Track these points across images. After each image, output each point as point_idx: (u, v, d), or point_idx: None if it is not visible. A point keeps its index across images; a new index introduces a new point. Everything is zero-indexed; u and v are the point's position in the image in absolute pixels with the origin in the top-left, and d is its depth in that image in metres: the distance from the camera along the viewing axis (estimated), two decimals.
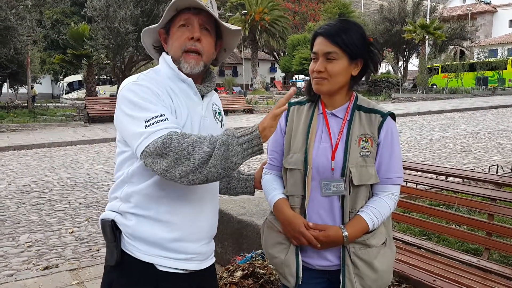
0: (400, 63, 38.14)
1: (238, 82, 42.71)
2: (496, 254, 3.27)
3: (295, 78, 44.64)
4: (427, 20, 32.38)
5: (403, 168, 1.74)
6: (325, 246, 1.61)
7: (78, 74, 33.26)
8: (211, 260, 1.71)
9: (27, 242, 4.85)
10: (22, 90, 29.99)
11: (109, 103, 18.66)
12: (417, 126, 13.95)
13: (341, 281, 1.63)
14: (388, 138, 1.64)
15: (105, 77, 35.54)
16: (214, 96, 1.75)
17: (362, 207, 1.64)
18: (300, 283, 1.68)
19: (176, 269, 1.56)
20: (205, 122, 1.61)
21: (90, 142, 13.15)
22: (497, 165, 5.95)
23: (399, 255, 2.83)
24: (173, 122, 1.44)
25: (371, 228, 1.62)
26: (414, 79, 33.63)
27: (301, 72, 35.74)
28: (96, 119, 18.52)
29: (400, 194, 1.76)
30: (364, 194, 1.64)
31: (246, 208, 3.67)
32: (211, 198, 1.67)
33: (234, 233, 3.50)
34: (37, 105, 25.65)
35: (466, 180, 3.56)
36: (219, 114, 1.75)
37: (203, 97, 1.64)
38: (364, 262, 1.62)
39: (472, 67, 29.72)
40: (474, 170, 4.14)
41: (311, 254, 1.67)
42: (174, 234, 1.54)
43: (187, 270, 1.58)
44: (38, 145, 12.42)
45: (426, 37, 31.43)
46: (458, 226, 3.39)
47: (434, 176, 3.31)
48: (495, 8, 46.89)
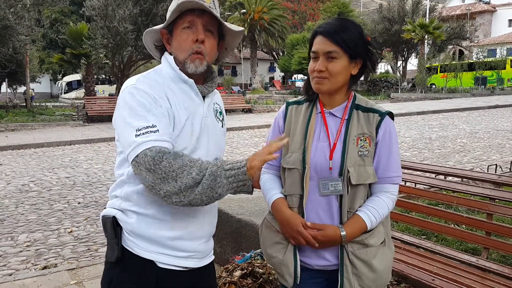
0: (399, 63, 38.17)
1: (237, 82, 42.71)
2: (495, 253, 3.27)
3: (294, 78, 44.67)
4: (426, 19, 32.40)
5: (402, 167, 1.74)
6: (323, 245, 1.61)
7: (77, 73, 33.29)
8: (210, 258, 1.73)
9: (26, 242, 4.85)
10: (21, 90, 29.96)
11: (108, 103, 18.63)
12: (416, 125, 13.96)
13: (339, 280, 1.62)
14: (386, 137, 1.64)
15: (104, 76, 35.50)
16: (216, 95, 1.76)
17: (360, 207, 1.63)
18: (298, 283, 1.68)
19: (175, 266, 1.58)
20: (206, 122, 1.63)
21: (89, 141, 13.14)
22: (496, 164, 5.95)
23: (398, 255, 2.83)
24: (164, 134, 1.45)
25: (369, 227, 1.62)
26: (413, 79, 33.65)
27: (300, 71, 35.72)
28: (95, 119, 18.50)
29: (399, 193, 1.76)
30: (362, 194, 1.64)
31: (245, 207, 3.66)
32: None
33: (233, 232, 3.50)
34: (35, 104, 25.61)
35: (465, 179, 3.56)
36: (220, 113, 1.76)
37: (205, 97, 1.66)
38: (362, 261, 1.62)
39: (471, 67, 29.75)
40: (473, 170, 4.14)
41: (309, 253, 1.67)
42: (174, 233, 1.56)
43: (187, 268, 1.61)
44: (36, 144, 12.41)
45: (425, 36, 31.46)
46: (457, 226, 3.39)
47: (433, 175, 3.31)
48: (494, 7, 46.92)
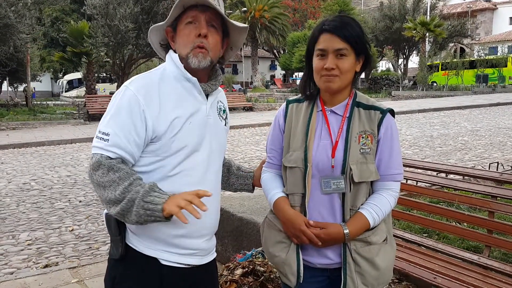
0: (400, 61, 38.13)
1: (238, 80, 42.70)
2: (496, 251, 3.27)
3: (295, 76, 44.60)
4: (427, 17, 32.35)
5: (403, 165, 1.74)
6: (326, 244, 1.61)
7: (78, 72, 33.25)
8: (212, 255, 1.75)
9: (27, 240, 4.85)
10: (22, 88, 29.97)
11: (108, 101, 18.05)
12: (417, 123, 13.94)
13: (342, 279, 1.62)
14: (388, 135, 1.64)
15: (104, 75, 35.43)
16: (220, 93, 1.75)
17: (362, 204, 1.63)
18: (301, 282, 1.67)
19: (178, 263, 1.59)
20: (208, 121, 1.63)
21: (90, 140, 13.09)
22: (497, 162, 5.93)
23: (400, 253, 2.83)
24: (115, 144, 1.48)
25: (372, 225, 1.61)
26: (414, 77, 33.62)
27: (301, 69, 35.62)
28: (96, 117, 18.46)
29: (400, 191, 1.76)
30: (364, 191, 1.63)
31: (246, 206, 3.66)
32: (214, 195, 1.67)
33: (234, 231, 3.49)
34: (36, 103, 25.62)
35: (466, 177, 3.56)
36: (224, 112, 1.75)
37: (208, 95, 1.65)
38: (365, 259, 1.61)
39: (472, 65, 29.71)
40: (475, 168, 4.13)
41: (312, 252, 1.67)
42: (177, 231, 1.57)
43: (189, 265, 1.62)
44: (38, 143, 12.41)
45: (426, 34, 31.41)
46: (458, 224, 3.38)
47: (435, 173, 3.31)
48: (495, 5, 46.82)
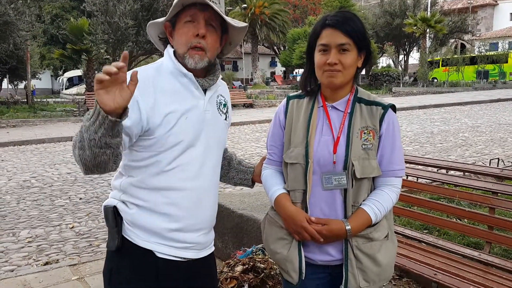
0: (400, 57, 38.05)
1: (238, 77, 42.62)
2: (497, 247, 3.26)
3: (296, 72, 44.55)
4: (428, 13, 32.26)
5: (404, 161, 1.73)
6: (328, 240, 1.60)
7: (78, 69, 33.14)
8: (210, 249, 1.74)
9: (28, 238, 4.85)
10: (22, 86, 29.95)
11: None
12: (417, 120, 13.92)
13: (343, 275, 1.62)
14: (389, 130, 1.63)
15: None
16: (220, 88, 1.74)
17: (364, 200, 1.62)
18: (303, 279, 1.66)
19: (174, 256, 1.60)
20: (206, 116, 1.62)
21: None
22: (498, 158, 5.92)
23: (400, 249, 2.82)
24: None
25: (374, 221, 1.61)
26: (414, 73, 33.55)
27: (301, 66, 35.58)
28: None
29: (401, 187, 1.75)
30: (366, 187, 1.62)
31: (246, 202, 3.66)
32: (211, 189, 1.68)
33: (234, 227, 3.49)
34: (36, 100, 25.61)
35: (467, 173, 3.55)
36: (224, 106, 1.73)
37: (206, 90, 1.64)
38: (367, 256, 1.61)
39: (473, 61, 29.65)
40: (475, 164, 4.12)
41: (313, 249, 1.66)
42: (173, 225, 1.58)
43: (185, 258, 1.62)
44: (38, 140, 12.42)
45: (427, 30, 31.33)
46: (459, 220, 3.38)
47: (435, 169, 3.30)
48: (496, 1, 46.65)
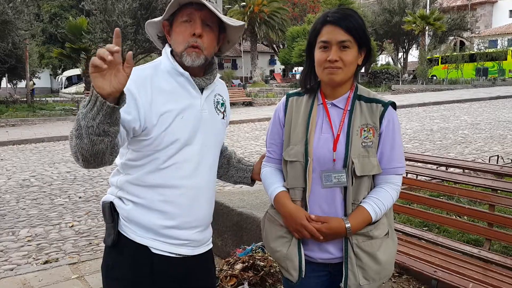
0: (400, 55, 38.04)
1: (237, 75, 42.59)
2: (497, 244, 3.27)
3: (295, 70, 44.52)
4: (427, 10, 32.26)
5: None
6: (328, 238, 1.60)
7: (77, 68, 33.17)
8: (207, 246, 1.74)
9: (27, 237, 4.85)
10: (21, 85, 29.91)
11: None
12: (417, 117, 13.92)
13: (343, 273, 1.61)
14: (390, 128, 1.62)
15: None
16: (218, 86, 1.73)
17: (364, 198, 1.62)
18: (303, 277, 1.66)
19: (169, 252, 1.60)
20: (203, 115, 1.62)
21: None
22: (497, 155, 5.93)
23: (400, 246, 2.83)
24: None
25: (374, 219, 1.60)
26: (414, 70, 33.54)
27: (300, 64, 35.54)
28: None
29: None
30: (366, 185, 1.62)
31: (246, 200, 3.65)
32: (207, 187, 1.68)
33: (234, 225, 3.49)
34: (36, 99, 25.58)
35: (466, 170, 3.55)
36: (222, 105, 1.73)
37: (204, 89, 1.64)
38: (367, 254, 1.60)
39: (472, 58, 29.66)
40: (475, 161, 4.12)
41: (313, 247, 1.66)
42: (168, 222, 1.59)
43: (181, 255, 1.62)
44: (37, 139, 12.41)
45: (426, 28, 31.34)
46: (458, 217, 3.38)
47: (435, 167, 3.31)
48: None
